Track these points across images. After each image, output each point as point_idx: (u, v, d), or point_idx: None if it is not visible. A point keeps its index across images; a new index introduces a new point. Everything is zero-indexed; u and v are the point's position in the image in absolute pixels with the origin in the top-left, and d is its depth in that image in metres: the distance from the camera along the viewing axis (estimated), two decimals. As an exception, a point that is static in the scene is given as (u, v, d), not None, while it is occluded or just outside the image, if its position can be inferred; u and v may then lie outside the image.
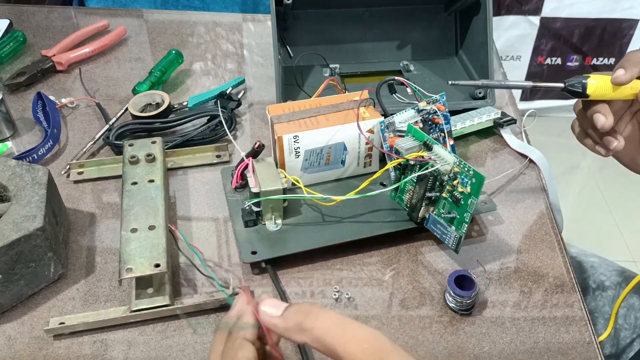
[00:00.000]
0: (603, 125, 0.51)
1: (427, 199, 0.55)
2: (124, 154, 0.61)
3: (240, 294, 0.40)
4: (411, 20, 0.82)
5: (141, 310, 0.50)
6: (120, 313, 0.51)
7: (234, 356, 0.36)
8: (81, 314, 0.51)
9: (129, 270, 0.49)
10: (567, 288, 0.56)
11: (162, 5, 1.25)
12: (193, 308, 0.52)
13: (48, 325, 0.50)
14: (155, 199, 0.56)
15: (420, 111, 0.60)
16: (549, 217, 0.63)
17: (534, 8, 1.76)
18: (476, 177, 0.51)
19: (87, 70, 0.85)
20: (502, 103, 0.79)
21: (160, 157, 0.61)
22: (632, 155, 0.57)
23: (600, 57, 1.88)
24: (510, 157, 0.71)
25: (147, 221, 0.53)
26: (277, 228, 0.58)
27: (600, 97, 0.52)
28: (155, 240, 0.51)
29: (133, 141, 0.63)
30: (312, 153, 0.61)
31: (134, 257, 0.50)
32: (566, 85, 0.52)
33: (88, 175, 0.66)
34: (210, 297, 0.52)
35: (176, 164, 0.67)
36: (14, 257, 0.49)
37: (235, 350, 0.36)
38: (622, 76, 0.50)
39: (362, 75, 0.81)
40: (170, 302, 0.51)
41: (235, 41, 0.93)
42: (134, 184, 0.58)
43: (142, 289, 0.51)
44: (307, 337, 0.35)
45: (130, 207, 0.55)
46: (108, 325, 0.51)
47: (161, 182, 0.58)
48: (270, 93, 0.76)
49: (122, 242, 0.51)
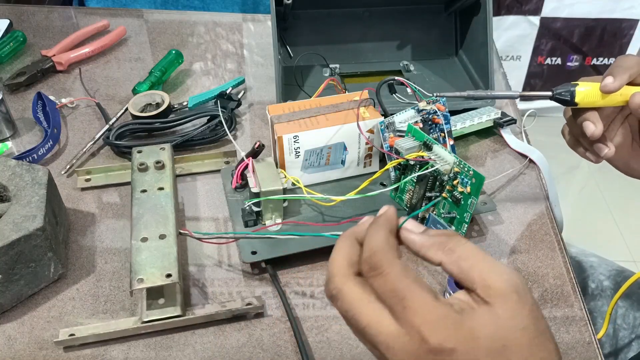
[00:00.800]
0: (592, 134, 0.50)
1: (427, 199, 0.55)
2: (133, 161, 0.60)
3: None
4: (411, 20, 0.82)
5: (152, 322, 0.49)
6: (131, 324, 0.49)
7: (368, 240, 0.34)
8: (91, 325, 0.50)
9: (140, 281, 0.48)
10: (567, 288, 0.56)
11: (162, 5, 1.25)
12: (205, 319, 0.51)
13: (58, 337, 0.48)
14: (165, 207, 0.55)
15: (420, 111, 0.60)
16: (549, 217, 0.63)
17: (534, 8, 1.76)
18: (476, 177, 0.51)
19: (87, 70, 0.85)
20: (502, 103, 0.79)
21: (170, 164, 0.60)
22: (625, 160, 0.56)
23: (600, 57, 1.88)
24: (510, 157, 0.71)
25: (157, 230, 0.52)
26: (277, 228, 0.58)
27: (590, 105, 0.51)
28: (166, 250, 0.50)
29: (142, 148, 0.62)
30: (312, 153, 0.61)
31: (144, 267, 0.49)
32: (554, 94, 0.51)
33: (95, 182, 0.65)
34: (222, 307, 0.51)
35: (184, 170, 0.67)
36: (14, 257, 0.49)
37: (370, 235, 0.35)
38: (610, 84, 0.49)
39: (362, 75, 0.81)
40: (182, 313, 0.50)
41: (235, 41, 0.93)
42: (143, 192, 0.57)
43: (153, 299, 0.50)
44: (446, 257, 0.33)
45: (140, 216, 0.54)
46: (119, 337, 0.50)
47: (171, 190, 0.57)
48: (270, 93, 0.76)
49: (133, 251, 0.50)
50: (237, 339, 0.51)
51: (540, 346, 0.32)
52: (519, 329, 0.31)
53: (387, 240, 0.34)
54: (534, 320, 0.32)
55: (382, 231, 0.35)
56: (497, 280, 0.32)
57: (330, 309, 0.53)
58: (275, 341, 0.51)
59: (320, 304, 0.54)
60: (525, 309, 0.32)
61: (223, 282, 0.55)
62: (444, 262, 0.34)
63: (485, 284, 0.32)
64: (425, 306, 0.31)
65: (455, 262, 0.33)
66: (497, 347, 0.31)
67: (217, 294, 0.54)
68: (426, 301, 0.31)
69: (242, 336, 0.51)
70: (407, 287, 0.32)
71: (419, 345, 0.31)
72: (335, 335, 0.51)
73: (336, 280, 0.34)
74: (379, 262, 0.33)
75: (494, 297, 0.32)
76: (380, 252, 0.33)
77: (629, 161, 0.56)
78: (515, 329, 0.31)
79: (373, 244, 0.34)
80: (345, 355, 0.50)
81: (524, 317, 0.32)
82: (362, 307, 0.33)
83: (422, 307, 0.31)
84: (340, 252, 0.35)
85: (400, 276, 0.32)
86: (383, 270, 0.33)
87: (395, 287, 0.32)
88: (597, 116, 0.50)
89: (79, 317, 0.52)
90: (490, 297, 0.32)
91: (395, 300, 0.32)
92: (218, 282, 0.55)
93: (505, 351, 0.31)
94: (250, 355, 0.50)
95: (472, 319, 0.31)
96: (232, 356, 0.49)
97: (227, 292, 0.54)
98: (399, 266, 0.33)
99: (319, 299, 0.54)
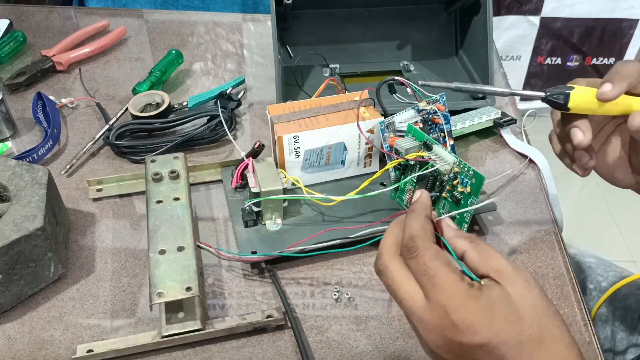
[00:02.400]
0: (580, 143, 0.47)
1: (427, 199, 0.55)
2: (146, 171, 0.59)
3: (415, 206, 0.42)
4: (411, 20, 0.82)
5: (172, 336, 0.48)
6: (150, 339, 0.49)
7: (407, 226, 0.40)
8: (109, 340, 0.49)
9: (160, 295, 0.47)
10: (567, 288, 0.56)
11: (162, 5, 1.25)
12: (225, 332, 0.50)
13: (75, 354, 0.48)
14: (182, 217, 0.54)
15: (420, 111, 0.60)
16: (549, 217, 0.63)
17: (534, 8, 1.76)
18: (476, 177, 0.51)
19: (87, 70, 0.85)
20: (502, 103, 0.79)
21: (184, 174, 0.59)
22: (610, 170, 0.53)
23: (600, 57, 1.88)
24: (510, 157, 0.71)
25: (175, 242, 0.51)
26: (277, 228, 0.58)
27: (582, 112, 0.47)
28: (185, 262, 0.49)
29: (155, 157, 0.61)
30: (312, 153, 0.61)
31: (164, 280, 0.48)
32: (547, 96, 0.47)
33: (107, 192, 0.63)
34: (242, 319, 0.50)
35: (197, 179, 0.65)
36: (14, 257, 0.49)
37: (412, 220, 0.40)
38: (608, 92, 0.45)
39: (362, 75, 0.81)
40: (202, 327, 0.49)
41: (235, 41, 0.93)
42: (159, 203, 0.55)
43: (172, 312, 0.49)
44: (471, 247, 0.39)
45: (157, 228, 0.53)
46: (138, 352, 0.49)
47: (187, 200, 0.56)
48: (270, 93, 0.76)
49: (151, 264, 0.49)
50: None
51: (551, 323, 0.36)
52: (528, 305, 0.36)
53: (423, 226, 0.39)
54: (542, 301, 0.37)
55: (419, 218, 0.40)
56: (507, 267, 0.37)
57: (331, 309, 0.53)
58: (274, 341, 0.51)
59: (320, 304, 0.54)
60: (533, 291, 0.37)
61: (223, 282, 0.55)
62: (468, 251, 0.39)
63: (497, 268, 0.37)
64: (451, 285, 0.36)
65: (476, 250, 0.39)
66: (512, 319, 0.35)
67: (217, 294, 0.54)
68: (452, 280, 0.36)
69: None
70: (437, 268, 0.37)
71: (444, 319, 0.35)
72: (335, 335, 0.51)
73: (384, 257, 0.40)
74: (415, 246, 0.38)
75: (504, 279, 0.37)
76: (417, 237, 0.38)
77: (614, 171, 0.53)
78: (525, 305, 0.36)
79: (411, 230, 0.39)
80: (345, 355, 0.50)
81: (533, 297, 0.36)
82: (402, 283, 0.38)
83: (448, 285, 0.36)
84: (390, 235, 0.41)
85: (432, 258, 0.37)
86: (419, 252, 0.38)
87: (427, 268, 0.37)
88: (588, 124, 0.47)
89: (79, 317, 0.52)
90: (502, 279, 0.37)
91: (427, 278, 0.37)
92: (218, 282, 0.55)
93: (519, 323, 0.35)
94: (251, 355, 0.50)
95: (489, 295, 0.36)
96: (231, 356, 0.50)
97: (227, 292, 0.54)
98: (432, 249, 0.38)
99: (319, 299, 0.54)
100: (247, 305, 0.53)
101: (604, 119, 0.51)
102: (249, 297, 0.54)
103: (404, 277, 0.38)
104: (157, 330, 0.49)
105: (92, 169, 0.68)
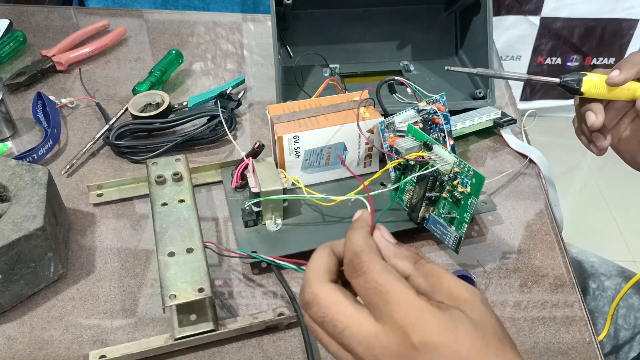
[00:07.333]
0: (592, 124, 0.52)
1: (427, 199, 0.55)
2: (149, 174, 0.58)
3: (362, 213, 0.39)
4: (411, 20, 0.82)
5: (185, 338, 0.48)
6: (163, 342, 0.48)
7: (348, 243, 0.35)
8: (121, 345, 0.48)
9: (172, 297, 0.46)
10: (567, 288, 0.56)
11: (162, 5, 1.25)
12: (238, 332, 0.50)
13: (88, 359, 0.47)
14: (188, 219, 0.54)
15: (420, 111, 0.60)
16: (549, 217, 0.63)
17: (534, 8, 1.77)
18: (476, 177, 0.51)
19: (87, 70, 0.85)
20: (502, 103, 0.79)
21: (187, 175, 0.59)
22: (632, 154, 0.58)
23: (600, 57, 1.88)
24: (510, 157, 0.71)
25: (183, 244, 0.51)
26: (277, 228, 0.58)
27: (595, 96, 0.52)
28: (195, 264, 0.49)
29: (156, 160, 0.60)
30: (312, 153, 0.61)
31: (175, 282, 0.47)
32: (561, 81, 0.53)
33: (108, 196, 0.63)
34: (254, 319, 0.50)
35: (198, 180, 0.65)
36: (14, 257, 0.49)
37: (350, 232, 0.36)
38: (616, 77, 0.50)
39: (362, 75, 0.81)
40: (215, 327, 0.49)
41: (235, 41, 0.93)
42: (164, 205, 0.55)
43: (184, 314, 0.49)
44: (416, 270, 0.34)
45: (164, 230, 0.53)
46: (151, 356, 0.48)
47: (192, 202, 0.56)
48: (270, 93, 0.76)
49: (161, 267, 0.49)
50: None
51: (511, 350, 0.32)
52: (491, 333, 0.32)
53: (366, 241, 0.35)
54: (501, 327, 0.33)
55: (361, 233, 0.36)
56: (462, 291, 0.33)
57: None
58: (274, 341, 0.51)
59: (320, 304, 0.54)
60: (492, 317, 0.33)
61: (223, 282, 0.55)
62: (413, 275, 0.34)
63: (452, 295, 0.33)
64: (408, 301, 0.31)
65: (423, 275, 0.34)
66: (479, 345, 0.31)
67: (218, 294, 0.54)
68: (409, 296, 0.31)
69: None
70: (389, 283, 0.32)
71: (401, 341, 0.30)
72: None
73: (313, 285, 0.34)
74: (360, 262, 0.33)
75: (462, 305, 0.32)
76: (362, 252, 0.34)
77: (636, 155, 0.57)
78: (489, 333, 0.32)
79: (353, 246, 0.35)
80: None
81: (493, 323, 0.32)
82: (341, 309, 0.33)
83: (405, 302, 0.31)
84: (317, 261, 0.36)
85: (382, 273, 0.33)
86: (365, 269, 0.33)
87: (377, 284, 0.32)
88: (601, 108, 0.52)
89: (79, 317, 0.52)
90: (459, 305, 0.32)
91: (378, 296, 0.32)
92: (218, 282, 0.55)
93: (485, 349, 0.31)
94: (250, 356, 0.50)
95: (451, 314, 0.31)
96: (231, 356, 0.50)
97: (227, 292, 0.54)
98: (380, 264, 0.33)
99: (319, 299, 0.54)
100: (247, 306, 0.53)
101: (624, 105, 0.55)
102: (249, 297, 0.54)
103: (342, 302, 0.33)
104: (170, 333, 0.49)
105: (92, 169, 0.68)
